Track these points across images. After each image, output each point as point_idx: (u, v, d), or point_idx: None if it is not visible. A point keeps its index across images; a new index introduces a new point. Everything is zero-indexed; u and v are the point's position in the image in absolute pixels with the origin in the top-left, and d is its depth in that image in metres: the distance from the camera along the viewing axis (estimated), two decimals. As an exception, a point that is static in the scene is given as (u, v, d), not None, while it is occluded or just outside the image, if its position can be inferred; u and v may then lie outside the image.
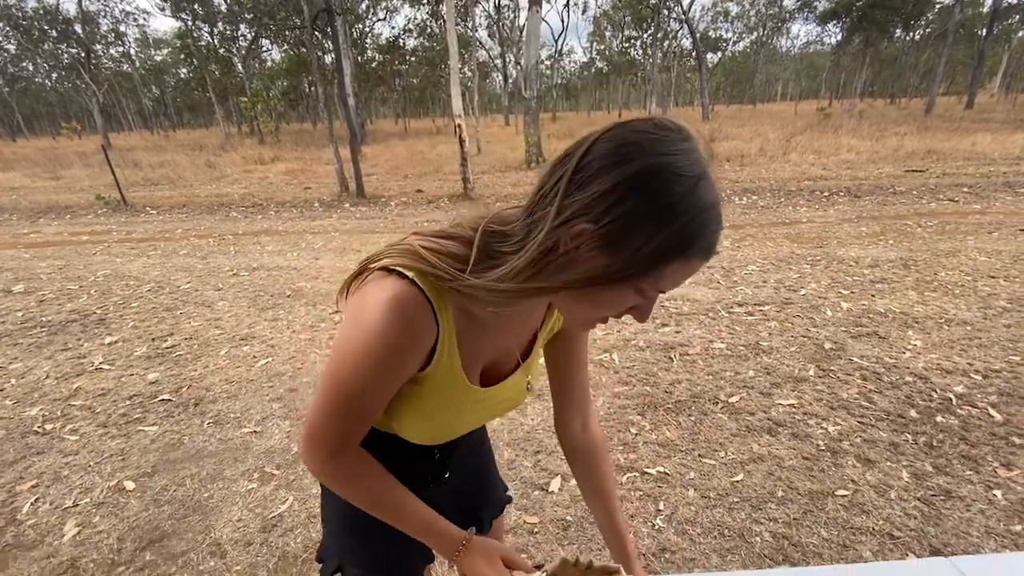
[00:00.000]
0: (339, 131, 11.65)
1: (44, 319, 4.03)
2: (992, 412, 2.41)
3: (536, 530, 1.88)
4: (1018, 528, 1.80)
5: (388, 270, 0.58)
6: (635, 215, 0.49)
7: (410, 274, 0.57)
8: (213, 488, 2.16)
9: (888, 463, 2.14)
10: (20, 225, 8.16)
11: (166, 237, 6.85)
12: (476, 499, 0.97)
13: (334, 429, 0.64)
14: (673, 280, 0.54)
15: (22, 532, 1.96)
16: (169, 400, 2.82)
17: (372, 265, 0.60)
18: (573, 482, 2.10)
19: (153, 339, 3.60)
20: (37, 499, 2.12)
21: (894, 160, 10.26)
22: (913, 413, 2.45)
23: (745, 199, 7.61)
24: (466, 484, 0.93)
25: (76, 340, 3.63)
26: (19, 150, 25.37)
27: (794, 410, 2.50)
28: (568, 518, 1.93)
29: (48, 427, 2.62)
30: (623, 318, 0.60)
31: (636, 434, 2.37)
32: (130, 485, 2.19)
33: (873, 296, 3.80)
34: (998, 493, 1.95)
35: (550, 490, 2.06)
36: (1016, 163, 9.37)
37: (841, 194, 7.64)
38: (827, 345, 3.09)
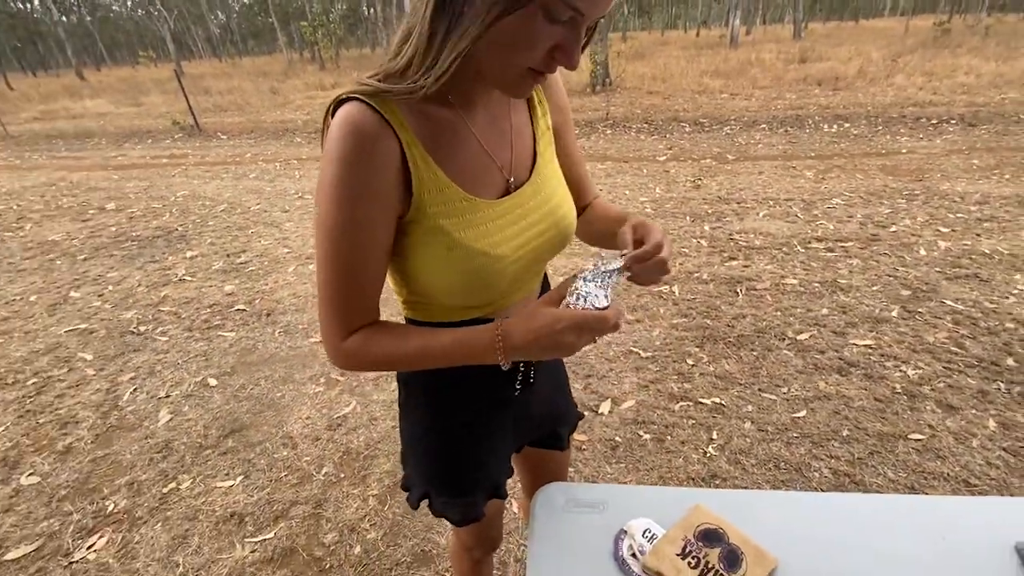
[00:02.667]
0: (398, 54, 11.35)
1: (134, 234, 4.38)
2: (1109, 365, 2.14)
3: (584, 447, 1.90)
4: (1124, 488, 1.62)
5: (339, 104, 0.58)
6: None
7: (350, 93, 0.57)
8: (284, 389, 2.33)
9: (973, 411, 1.97)
10: (108, 149, 8.75)
11: (236, 161, 7.13)
12: (555, 409, 0.93)
13: (338, 296, 0.61)
14: None
15: (124, 416, 2.21)
16: (244, 310, 3.03)
17: (330, 107, 0.59)
18: (623, 405, 2.10)
19: (228, 255, 3.83)
20: (135, 389, 2.38)
21: (1021, 85, 8.80)
22: (1010, 361, 2.21)
23: (835, 126, 6.85)
24: (546, 391, 0.88)
25: (162, 253, 3.93)
26: (104, 79, 26.82)
27: (870, 351, 2.33)
28: (616, 439, 1.93)
29: (142, 328, 2.89)
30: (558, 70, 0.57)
31: (693, 365, 2.30)
32: (213, 382, 2.40)
33: (978, 235, 3.38)
34: (1103, 450, 1.75)
35: (600, 412, 2.07)
36: None
37: (952, 122, 6.69)
38: (916, 286, 2.81)
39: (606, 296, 0.59)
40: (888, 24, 30.73)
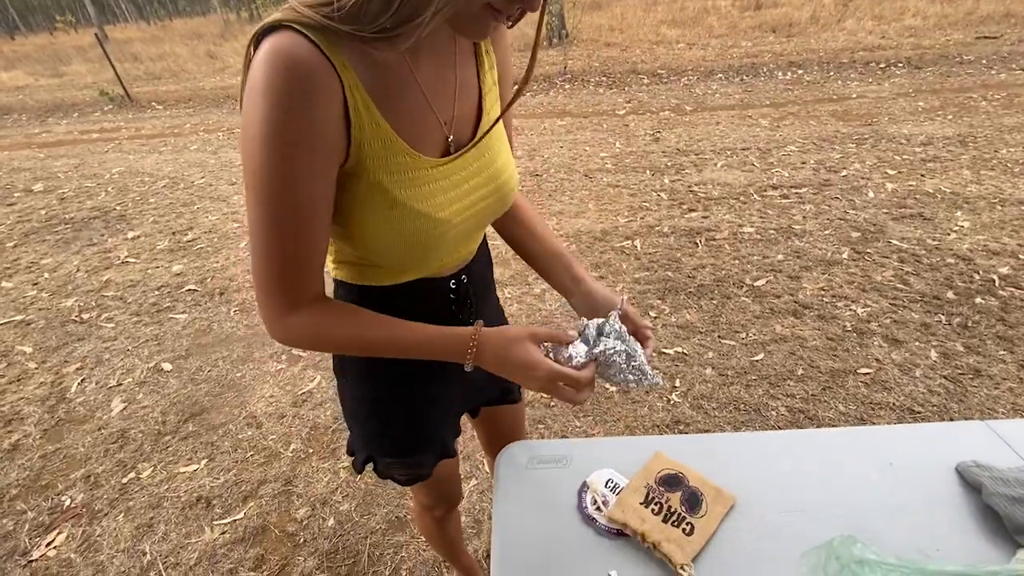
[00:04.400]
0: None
1: (67, 216, 4.08)
2: (1038, 293, 2.28)
3: (552, 404, 1.92)
4: (1047, 404, 1.76)
5: (266, 32, 0.49)
6: None
7: (281, 21, 0.48)
8: (244, 369, 2.26)
9: (917, 343, 2.08)
10: (31, 125, 8.04)
11: (175, 132, 6.67)
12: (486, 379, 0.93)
13: (281, 261, 0.54)
14: None
15: (73, 408, 2.11)
16: (195, 290, 2.89)
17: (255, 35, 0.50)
18: (590, 362, 2.12)
19: (173, 233, 3.62)
20: (83, 380, 2.26)
21: (965, 25, 9.01)
22: (950, 295, 2.34)
23: (789, 73, 6.89)
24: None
25: (100, 235, 3.68)
26: (18, 48, 24.36)
27: (822, 293, 2.41)
28: (585, 395, 1.96)
29: (85, 316, 2.73)
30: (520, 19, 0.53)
31: (655, 317, 2.34)
32: (167, 366, 2.30)
33: (922, 176, 3.50)
34: (1031, 371, 1.89)
35: (568, 370, 2.09)
36: (1112, 23, 8.13)
37: (899, 65, 6.83)
38: (865, 227, 2.91)
39: (587, 355, 0.67)
40: (839, -32, 30.74)
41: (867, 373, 1.95)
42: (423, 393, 0.80)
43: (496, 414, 0.99)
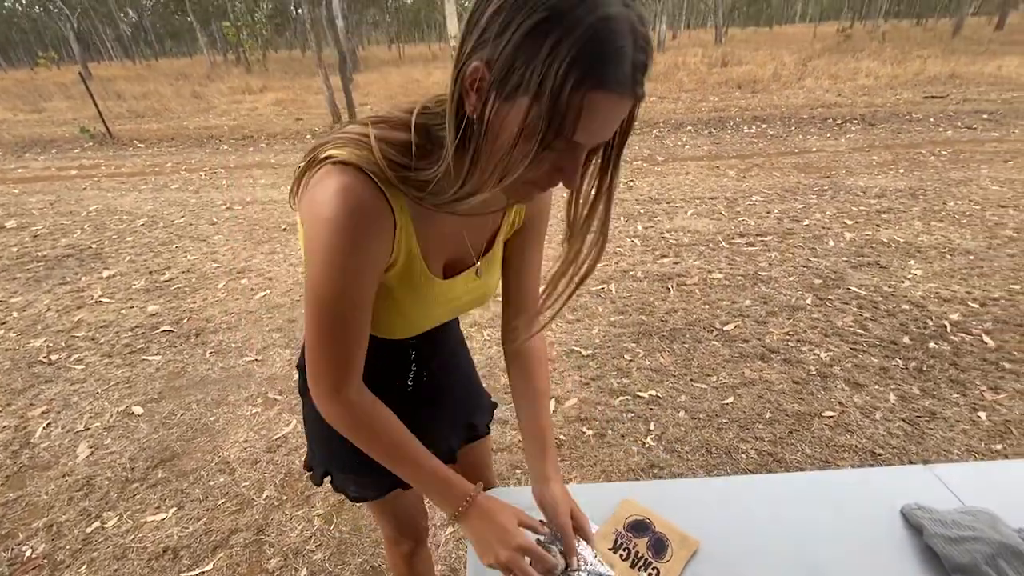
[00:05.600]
0: (329, 58, 11.06)
1: (40, 254, 4.01)
2: (986, 339, 2.43)
3: (530, 449, 1.94)
4: (999, 447, 1.85)
5: (333, 163, 0.55)
6: (526, 30, 0.43)
7: (356, 162, 0.54)
8: (218, 412, 2.23)
9: (876, 386, 2.18)
10: (6, 160, 7.95)
11: (156, 171, 6.68)
12: (466, 404, 0.99)
13: (330, 349, 0.62)
14: (594, 119, 0.46)
15: (36, 454, 2.04)
16: (170, 331, 2.86)
17: (319, 156, 0.57)
18: (567, 403, 2.16)
19: (151, 272, 3.59)
20: (49, 424, 2.20)
21: (914, 85, 9.77)
22: (906, 340, 2.47)
23: (754, 127, 7.32)
24: (454, 388, 0.94)
25: (74, 274, 3.63)
26: (-2, 81, 24.29)
27: (788, 337, 2.52)
28: (561, 437, 1.99)
29: (54, 357, 2.67)
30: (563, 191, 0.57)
31: (630, 360, 2.41)
32: (138, 410, 2.26)
33: (878, 226, 3.73)
34: (982, 415, 2.00)
35: (545, 413, 2.12)
36: (1041, 88, 8.91)
37: (855, 122, 7.33)
38: (826, 275, 3.08)
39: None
40: (799, 30, 33.11)
41: (831, 416, 2.03)
42: None
43: (463, 451, 1.03)
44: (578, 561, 0.74)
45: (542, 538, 0.75)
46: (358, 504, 1.05)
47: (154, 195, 5.53)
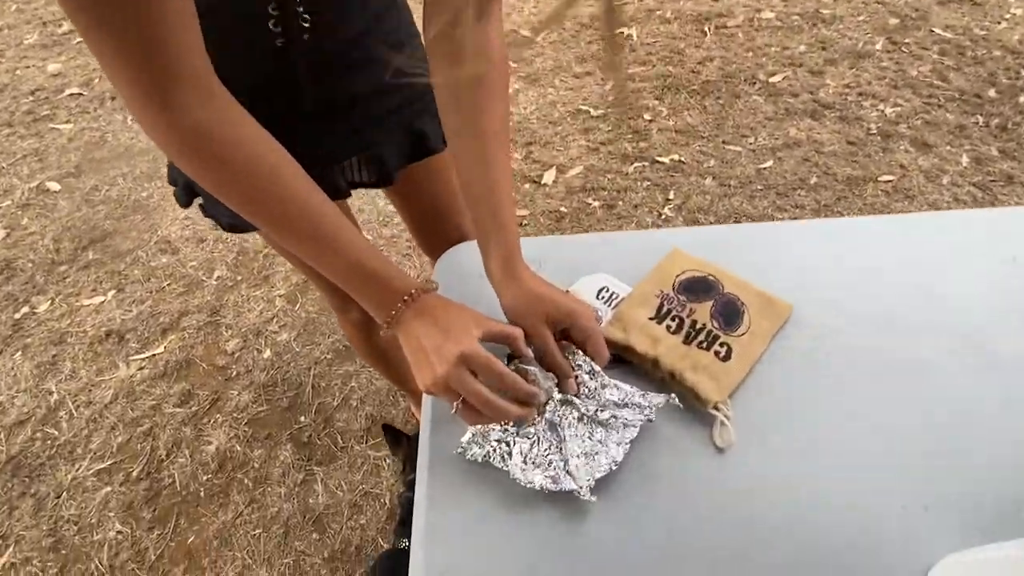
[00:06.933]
0: None
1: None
2: (1093, 88, 1.95)
3: (525, 222, 1.64)
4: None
5: None
6: None
7: None
8: (151, 187, 1.86)
9: (948, 147, 1.79)
10: None
11: None
12: (404, 95, 0.60)
13: (128, 44, 0.33)
14: None
15: (-60, 234, 1.73)
16: (80, 94, 2.31)
17: None
18: (570, 172, 1.79)
19: (44, 23, 2.83)
20: (-50, 202, 1.85)
21: None
22: (992, 92, 1.98)
23: None
24: (372, 65, 0.54)
25: (-52, 28, 2.87)
26: None
27: (847, 90, 2.02)
28: (562, 209, 1.67)
29: (-57, 128, 2.18)
30: None
31: (651, 120, 1.95)
32: (54, 186, 1.88)
33: (980, -51, 2.85)
34: (1071, 177, 1.65)
35: (543, 183, 1.76)
36: None
37: None
38: (905, 13, 2.40)
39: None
40: None
41: (889, 181, 1.68)
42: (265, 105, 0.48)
43: (413, 176, 0.68)
44: (579, 385, 0.45)
45: (523, 362, 0.45)
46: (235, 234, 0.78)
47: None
